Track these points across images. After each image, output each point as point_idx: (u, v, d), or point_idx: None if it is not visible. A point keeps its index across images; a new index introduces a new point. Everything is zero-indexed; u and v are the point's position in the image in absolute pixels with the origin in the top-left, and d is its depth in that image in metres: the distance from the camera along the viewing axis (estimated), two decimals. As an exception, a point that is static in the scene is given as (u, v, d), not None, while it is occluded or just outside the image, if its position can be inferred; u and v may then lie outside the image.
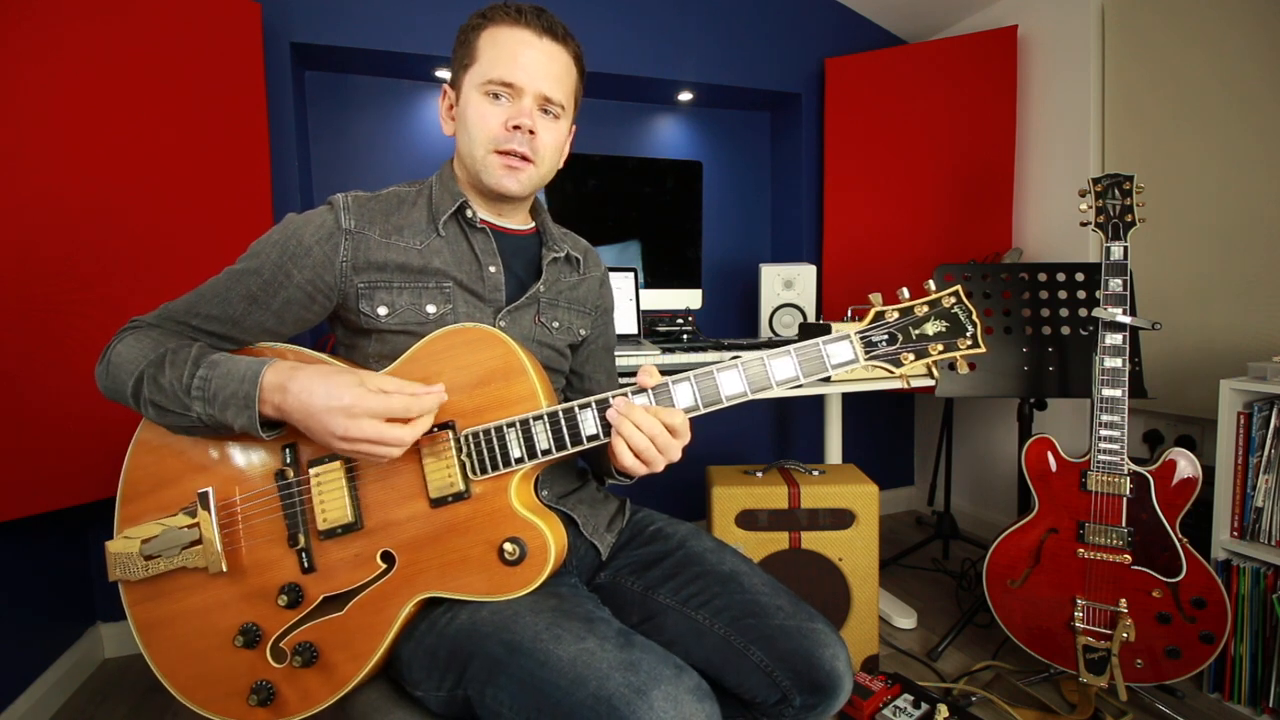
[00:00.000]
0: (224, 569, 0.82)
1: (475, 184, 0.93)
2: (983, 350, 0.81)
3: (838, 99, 2.61)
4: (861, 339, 0.81)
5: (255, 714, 0.81)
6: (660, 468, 0.81)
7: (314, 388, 0.74)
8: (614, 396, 0.80)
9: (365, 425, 0.73)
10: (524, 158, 0.89)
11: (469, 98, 0.90)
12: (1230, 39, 1.88)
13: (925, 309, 0.81)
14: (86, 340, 1.50)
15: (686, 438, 0.81)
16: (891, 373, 0.82)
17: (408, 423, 0.75)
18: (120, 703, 1.70)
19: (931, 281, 0.82)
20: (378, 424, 0.73)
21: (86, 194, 1.51)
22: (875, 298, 0.83)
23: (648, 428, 0.78)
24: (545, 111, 0.91)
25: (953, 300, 0.81)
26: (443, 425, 0.81)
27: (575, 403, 0.81)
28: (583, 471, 1.08)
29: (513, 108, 0.88)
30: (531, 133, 0.89)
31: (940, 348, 0.81)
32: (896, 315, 0.82)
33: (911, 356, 0.81)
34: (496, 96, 0.88)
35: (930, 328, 0.81)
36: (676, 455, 0.81)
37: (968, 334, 0.81)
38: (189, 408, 0.78)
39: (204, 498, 0.83)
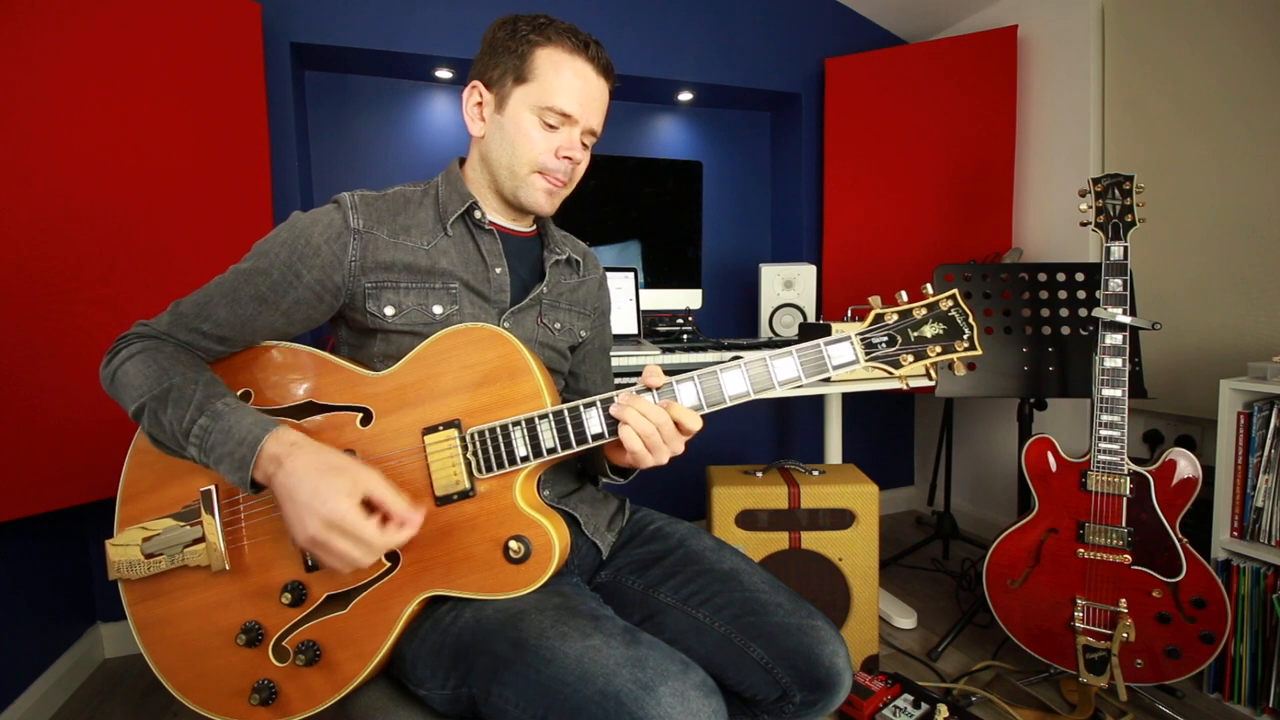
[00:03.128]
0: (226, 567, 0.82)
1: (503, 193, 0.95)
2: (979, 353, 0.83)
3: (838, 99, 2.61)
4: (862, 340, 0.82)
5: (257, 713, 0.81)
6: (665, 458, 0.81)
7: (304, 478, 0.73)
8: (619, 395, 0.81)
9: (336, 541, 0.72)
10: (564, 182, 0.94)
11: (519, 114, 0.90)
12: (1230, 39, 1.88)
13: (923, 312, 0.82)
14: (87, 340, 1.50)
15: (693, 429, 0.81)
16: (891, 374, 0.83)
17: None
18: (120, 703, 1.70)
19: (929, 285, 0.83)
20: (348, 543, 0.72)
21: (87, 194, 1.51)
22: (874, 300, 0.84)
23: (654, 416, 0.78)
24: (585, 141, 0.94)
25: (950, 304, 0.82)
26: (448, 424, 0.82)
27: (580, 401, 0.81)
28: (583, 472, 1.08)
29: (565, 136, 0.91)
30: (577, 162, 0.93)
31: (938, 350, 0.82)
32: (895, 318, 0.83)
33: (910, 358, 0.82)
34: (552, 126, 0.90)
35: (928, 330, 0.82)
36: (680, 447, 0.81)
37: (964, 337, 0.82)
38: (184, 448, 0.78)
39: (207, 496, 0.83)
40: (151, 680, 1.12)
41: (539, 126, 0.89)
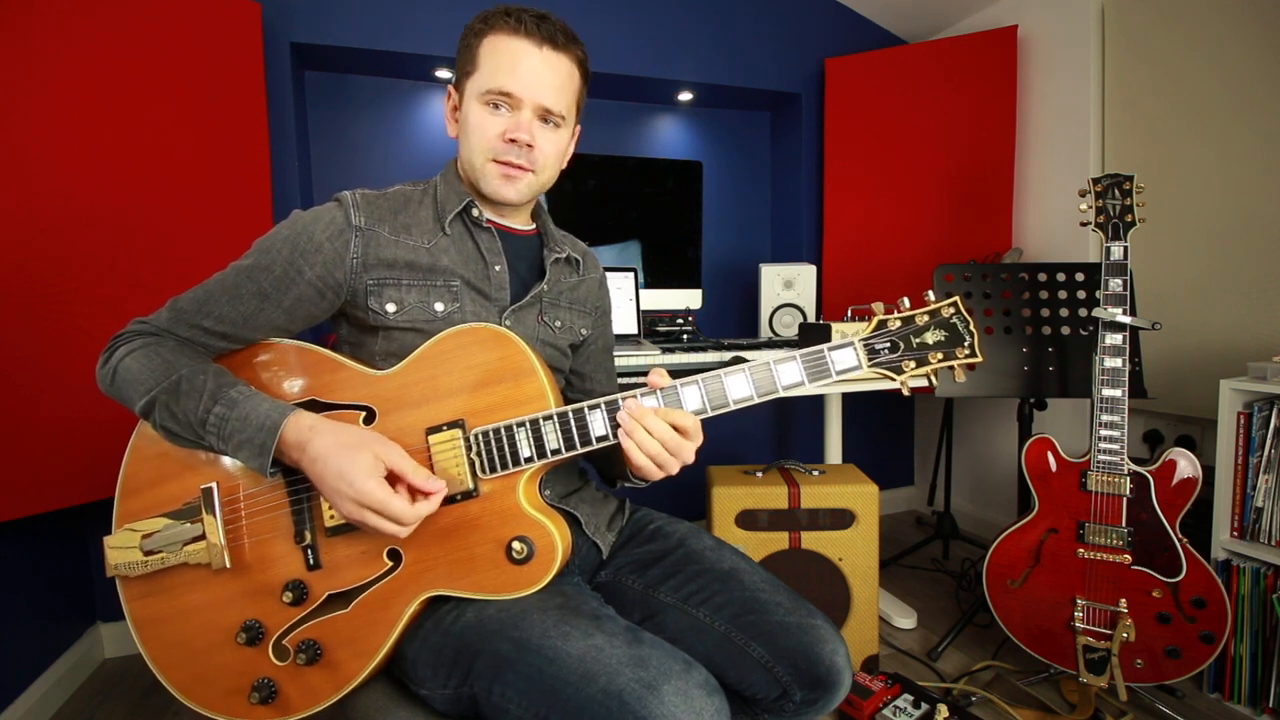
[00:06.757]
0: (227, 565, 0.82)
1: (476, 189, 0.94)
2: (980, 359, 0.83)
3: (838, 99, 2.61)
4: (865, 346, 0.82)
5: (256, 712, 0.81)
6: (675, 469, 0.81)
7: (327, 461, 0.75)
8: (624, 398, 0.81)
9: (370, 519, 0.74)
10: (521, 167, 0.90)
11: (469, 105, 0.90)
12: (1230, 39, 1.88)
13: (925, 318, 0.83)
14: (87, 340, 1.50)
15: (698, 440, 0.81)
16: (893, 379, 0.83)
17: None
18: (120, 703, 1.70)
19: (931, 292, 0.84)
20: (380, 520, 0.74)
21: (87, 194, 1.51)
22: (877, 306, 0.85)
23: (658, 432, 0.78)
24: (545, 121, 0.91)
25: (951, 310, 0.83)
26: (452, 424, 0.81)
27: (585, 403, 0.81)
28: (583, 472, 1.08)
29: (511, 119, 0.88)
30: (529, 145, 0.89)
31: (940, 356, 0.83)
32: (898, 324, 0.83)
33: (912, 364, 0.83)
34: (496, 106, 0.88)
35: (930, 336, 0.82)
36: (690, 457, 0.81)
37: (966, 343, 0.82)
38: (203, 438, 0.79)
39: (207, 494, 0.83)
40: (151, 680, 1.11)
41: (486, 112, 0.88)
